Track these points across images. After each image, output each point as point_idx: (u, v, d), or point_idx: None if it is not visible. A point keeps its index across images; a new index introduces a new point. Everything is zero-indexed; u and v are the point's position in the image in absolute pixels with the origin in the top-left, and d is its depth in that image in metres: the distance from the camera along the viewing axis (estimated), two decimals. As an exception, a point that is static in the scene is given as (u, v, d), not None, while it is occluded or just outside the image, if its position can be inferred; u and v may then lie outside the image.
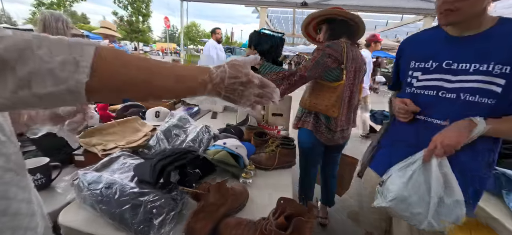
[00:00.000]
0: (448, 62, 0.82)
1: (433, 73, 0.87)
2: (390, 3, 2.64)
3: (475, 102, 0.77)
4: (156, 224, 0.61)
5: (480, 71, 0.76)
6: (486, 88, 0.75)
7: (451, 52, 0.83)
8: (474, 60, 0.77)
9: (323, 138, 1.44)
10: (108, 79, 0.32)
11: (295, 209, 0.58)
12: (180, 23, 3.01)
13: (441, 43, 0.86)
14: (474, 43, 0.78)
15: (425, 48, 0.91)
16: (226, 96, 0.44)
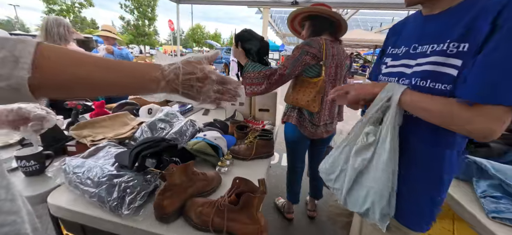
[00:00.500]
0: (414, 45, 0.71)
1: (400, 59, 0.76)
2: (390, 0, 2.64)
3: (427, 88, 0.64)
4: (127, 201, 0.69)
5: (436, 52, 0.63)
6: (438, 71, 0.62)
7: (419, 34, 0.72)
8: (434, 40, 0.65)
9: (307, 132, 1.50)
10: (53, 76, 0.33)
11: (248, 187, 0.65)
12: (176, 24, 3.12)
13: (416, 26, 0.75)
14: (439, 21, 0.67)
15: (403, 33, 0.81)
16: (184, 93, 0.44)
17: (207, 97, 0.46)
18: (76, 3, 19.83)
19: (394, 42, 0.83)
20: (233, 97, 0.49)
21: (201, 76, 0.44)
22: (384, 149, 0.68)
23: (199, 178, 0.81)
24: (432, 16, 0.69)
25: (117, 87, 0.40)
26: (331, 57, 1.38)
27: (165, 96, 0.46)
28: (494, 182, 1.01)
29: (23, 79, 0.30)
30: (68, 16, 18.80)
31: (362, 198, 0.74)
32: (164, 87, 0.42)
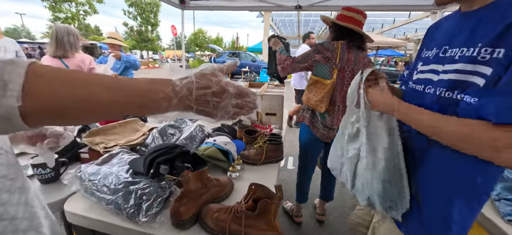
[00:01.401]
0: (445, 48, 0.62)
1: (429, 63, 0.67)
2: (395, 1, 2.64)
3: (451, 99, 0.57)
4: (144, 208, 0.70)
5: (464, 58, 0.55)
6: (462, 80, 0.55)
7: (452, 34, 0.63)
8: (463, 44, 0.57)
9: (319, 133, 1.54)
10: (47, 101, 0.28)
11: (264, 193, 0.65)
12: (181, 30, 3.16)
13: (452, 24, 0.65)
14: (473, 20, 0.57)
15: (438, 32, 0.72)
16: (199, 110, 0.38)
17: (225, 113, 0.40)
18: (81, 11, 20.18)
19: (427, 44, 0.73)
20: (251, 110, 0.43)
21: (218, 90, 0.38)
22: (363, 133, 0.71)
23: (213, 184, 0.82)
24: (469, 13, 0.59)
25: (124, 109, 0.34)
26: (346, 62, 1.40)
27: (178, 115, 0.39)
28: (508, 184, 1.00)
29: (12, 107, 0.25)
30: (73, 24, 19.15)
31: (361, 188, 0.74)
32: (176, 105, 0.36)
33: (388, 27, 12.08)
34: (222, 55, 13.92)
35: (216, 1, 2.79)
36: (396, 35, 15.38)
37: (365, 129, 0.71)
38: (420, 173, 0.68)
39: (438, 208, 0.65)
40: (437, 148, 0.62)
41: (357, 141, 0.75)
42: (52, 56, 1.90)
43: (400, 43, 11.85)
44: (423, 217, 0.68)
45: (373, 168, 0.67)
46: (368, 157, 0.70)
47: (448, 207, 0.63)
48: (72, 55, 1.97)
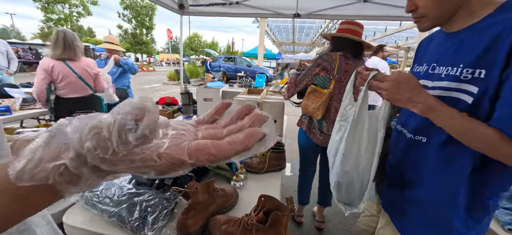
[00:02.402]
0: (433, 65, 0.68)
1: (420, 79, 0.71)
2: (386, 12, 2.72)
3: None
4: (150, 221, 0.68)
5: (449, 77, 0.61)
6: (452, 97, 0.60)
7: (438, 53, 0.69)
8: (448, 63, 0.63)
9: (315, 138, 1.59)
10: None
11: (274, 205, 0.65)
12: (180, 35, 3.15)
13: (439, 43, 0.72)
14: (455, 41, 0.63)
15: (428, 49, 0.77)
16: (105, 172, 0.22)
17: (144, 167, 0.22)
18: (75, 12, 19.89)
19: (419, 59, 0.78)
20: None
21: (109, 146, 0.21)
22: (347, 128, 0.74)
23: (219, 195, 0.80)
24: (450, 34, 0.66)
25: None
26: (344, 73, 1.44)
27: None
28: (507, 193, 1.03)
29: None
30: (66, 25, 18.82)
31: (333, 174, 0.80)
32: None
33: (380, 35, 12.41)
34: (217, 59, 13.92)
35: (215, 7, 2.80)
36: (388, 42, 15.79)
37: (351, 123, 0.76)
38: (418, 173, 0.71)
39: (439, 212, 0.67)
40: (436, 147, 0.65)
41: (340, 131, 0.82)
42: (57, 58, 1.88)
43: (392, 50, 12.17)
44: (424, 222, 0.70)
45: (344, 160, 0.76)
46: (346, 147, 0.77)
47: (449, 212, 0.65)
48: (79, 59, 1.98)
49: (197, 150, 0.22)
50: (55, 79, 1.90)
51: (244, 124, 0.26)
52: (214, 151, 0.23)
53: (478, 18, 0.59)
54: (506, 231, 0.88)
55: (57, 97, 1.96)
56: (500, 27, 0.54)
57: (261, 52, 8.04)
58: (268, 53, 19.70)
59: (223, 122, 0.28)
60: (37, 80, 1.86)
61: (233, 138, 0.24)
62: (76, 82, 1.98)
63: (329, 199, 1.89)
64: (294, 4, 2.66)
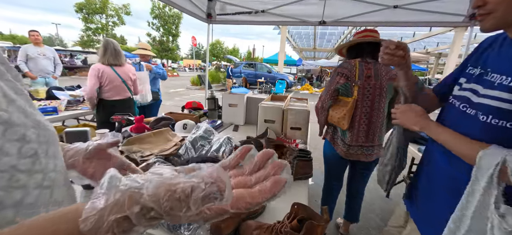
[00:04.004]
0: (488, 70, 0.66)
1: (471, 82, 0.70)
2: (415, 18, 2.60)
3: (490, 125, 0.60)
4: (186, 221, 0.71)
5: (502, 86, 0.59)
6: (504, 108, 0.58)
7: (495, 58, 0.66)
8: (504, 71, 0.60)
9: (339, 149, 1.53)
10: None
11: (307, 213, 0.64)
12: (207, 43, 3.28)
13: (499, 48, 0.68)
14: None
15: (487, 52, 0.73)
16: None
17: (194, 217, 0.26)
18: (110, 22, 21.71)
19: (475, 60, 0.75)
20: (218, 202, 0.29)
21: (183, 198, 0.25)
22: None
23: (249, 200, 0.82)
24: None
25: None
26: (366, 79, 1.38)
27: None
28: None
29: None
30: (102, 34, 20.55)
31: None
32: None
33: (408, 41, 11.79)
34: (238, 65, 14.20)
35: (242, 15, 2.88)
36: (415, 48, 14.93)
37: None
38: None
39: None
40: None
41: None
42: (107, 64, 2.14)
43: (422, 57, 11.48)
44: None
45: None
46: None
47: None
48: (123, 65, 2.25)
49: (237, 200, 0.27)
50: (103, 83, 2.13)
51: (269, 172, 0.30)
52: (250, 200, 0.27)
53: None
54: None
55: (100, 100, 2.18)
56: None
57: (282, 58, 8.06)
58: (289, 59, 19.66)
59: (248, 168, 0.32)
60: (90, 84, 2.10)
61: (262, 187, 0.28)
62: (120, 86, 2.21)
63: (357, 215, 1.81)
64: (320, 12, 2.64)
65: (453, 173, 0.71)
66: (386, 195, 2.50)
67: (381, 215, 2.21)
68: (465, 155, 0.63)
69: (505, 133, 0.59)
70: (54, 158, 0.36)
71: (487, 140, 0.60)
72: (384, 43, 0.82)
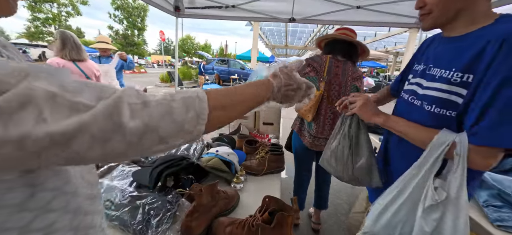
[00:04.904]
0: (430, 65, 0.73)
1: (417, 77, 0.79)
2: (376, 18, 2.82)
3: (433, 113, 0.68)
4: (153, 224, 0.68)
5: (442, 79, 0.67)
6: (444, 98, 0.66)
7: (435, 55, 0.74)
8: (443, 65, 0.68)
9: (305, 141, 1.61)
10: (214, 122, 0.38)
11: (278, 205, 0.66)
12: (175, 37, 3.13)
13: (437, 45, 0.77)
14: (452, 46, 0.68)
15: (428, 49, 0.82)
16: (280, 101, 0.52)
17: (294, 102, 0.54)
18: (63, 12, 19.36)
19: (419, 58, 0.84)
20: (308, 99, 0.58)
21: (296, 87, 0.52)
22: (459, 207, 0.61)
23: (221, 197, 0.81)
24: (449, 39, 0.71)
25: (247, 112, 0.46)
26: (334, 76, 1.46)
27: (260, 108, 0.50)
28: (493, 191, 1.08)
29: (200, 131, 0.35)
30: (54, 25, 18.25)
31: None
32: (268, 100, 0.49)
33: (370, 40, 12.73)
34: (211, 62, 13.87)
35: (211, 10, 2.80)
36: (377, 47, 16.21)
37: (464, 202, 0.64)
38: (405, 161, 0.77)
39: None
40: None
41: (436, 211, 0.66)
42: (68, 59, 1.93)
43: (382, 55, 12.50)
44: None
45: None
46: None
47: None
48: (86, 60, 2.05)
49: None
50: None
51: None
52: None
53: (477, 27, 0.64)
54: (495, 227, 0.93)
55: None
56: (492, 36, 0.58)
57: (255, 55, 8.08)
58: (262, 56, 19.81)
59: None
60: None
61: None
62: None
63: (326, 203, 1.92)
64: (289, 9, 2.70)
65: (405, 158, 0.78)
66: (352, 183, 2.69)
67: (348, 201, 2.37)
68: (422, 140, 0.68)
69: (447, 120, 0.66)
70: None
71: (433, 127, 0.68)
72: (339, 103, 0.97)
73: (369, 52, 1.58)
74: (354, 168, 0.87)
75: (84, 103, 0.26)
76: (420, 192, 0.66)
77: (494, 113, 0.55)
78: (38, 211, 0.30)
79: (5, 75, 0.22)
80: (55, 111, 0.24)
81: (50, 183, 0.31)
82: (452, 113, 0.65)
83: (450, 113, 0.66)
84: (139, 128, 0.28)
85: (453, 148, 0.61)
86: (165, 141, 0.31)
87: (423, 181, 0.66)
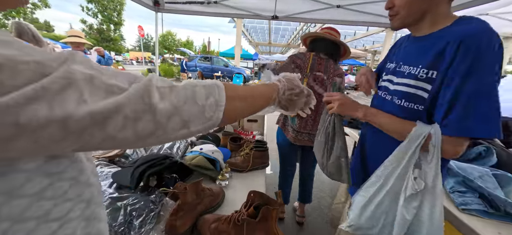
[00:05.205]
0: (400, 63, 0.79)
1: (388, 74, 0.85)
2: (355, 17, 2.93)
3: (403, 107, 0.74)
4: (136, 225, 0.66)
5: (410, 75, 0.72)
6: (412, 93, 0.72)
7: (404, 53, 0.80)
8: (411, 63, 0.74)
9: (289, 136, 1.65)
10: (231, 113, 0.39)
11: (263, 200, 0.67)
12: (155, 33, 3.01)
13: (406, 45, 0.83)
14: (419, 45, 0.74)
15: (399, 49, 0.89)
16: (282, 106, 0.54)
17: (297, 108, 0.57)
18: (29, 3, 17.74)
19: (391, 57, 0.91)
20: (309, 105, 0.62)
21: (298, 92, 0.55)
22: (435, 196, 0.66)
23: (206, 194, 0.81)
24: (416, 38, 0.77)
25: (256, 112, 0.48)
26: (316, 72, 1.50)
27: (266, 111, 0.53)
28: (459, 178, 1.18)
29: (218, 119, 0.37)
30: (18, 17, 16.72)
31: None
32: (272, 103, 0.52)
33: (350, 39, 13.20)
34: (193, 59, 13.55)
35: (193, 5, 2.74)
36: (356, 46, 16.87)
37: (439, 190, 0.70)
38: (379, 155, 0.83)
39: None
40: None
41: (416, 200, 0.71)
42: None
43: (361, 53, 13.04)
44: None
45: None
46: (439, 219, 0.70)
47: None
48: None
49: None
50: None
51: None
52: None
53: (438, 28, 0.70)
54: (460, 211, 1.02)
55: None
56: (450, 37, 0.64)
57: (238, 52, 8.03)
58: (245, 53, 19.75)
59: None
60: None
61: None
62: None
63: (310, 196, 1.98)
64: (272, 6, 2.72)
65: (382, 149, 0.83)
66: (334, 176, 2.80)
67: (331, 194, 2.46)
68: (399, 132, 0.73)
69: (415, 113, 0.72)
70: None
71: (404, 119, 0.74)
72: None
73: (351, 52, 1.65)
74: (327, 164, 0.91)
75: (119, 86, 0.28)
76: (401, 183, 0.70)
77: (460, 108, 0.61)
78: (56, 200, 0.31)
79: (48, 59, 0.24)
80: (94, 93, 0.25)
81: (67, 173, 0.32)
82: (419, 107, 0.71)
83: (418, 107, 0.72)
84: (168, 109, 0.31)
85: (429, 140, 0.66)
86: (187, 126, 0.33)
87: (404, 173, 0.70)
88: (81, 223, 0.34)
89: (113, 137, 0.27)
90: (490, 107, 0.60)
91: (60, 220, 0.31)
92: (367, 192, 0.78)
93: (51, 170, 0.30)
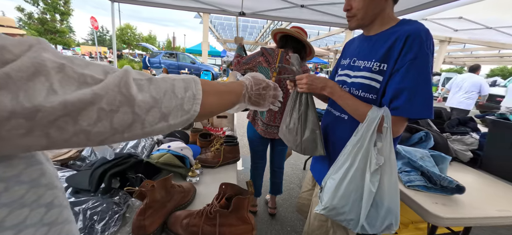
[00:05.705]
0: (354, 59, 0.90)
1: (344, 69, 0.95)
2: (318, 18, 3.09)
3: (360, 97, 0.85)
4: (98, 229, 0.61)
5: (365, 68, 0.83)
6: (367, 84, 0.82)
7: (358, 50, 0.90)
8: (365, 58, 0.84)
9: (259, 129, 1.70)
10: (207, 107, 0.40)
11: (235, 190, 0.68)
12: (112, 25, 2.75)
13: (359, 43, 0.93)
14: (371, 42, 0.84)
15: (351, 47, 0.99)
16: (253, 101, 0.56)
17: (267, 102, 0.60)
18: None
19: (344, 55, 1.02)
20: (277, 99, 0.64)
21: (265, 85, 0.58)
22: (391, 166, 0.76)
23: (177, 191, 0.78)
24: (368, 37, 0.88)
25: (228, 108, 0.50)
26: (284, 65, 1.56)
27: (239, 108, 0.55)
28: (405, 160, 1.36)
29: (196, 112, 0.37)
30: None
31: (382, 217, 0.79)
32: (243, 99, 0.53)
33: (314, 38, 13.92)
34: (157, 55, 12.74)
35: (155, -3, 2.57)
36: (320, 45, 17.88)
37: (393, 161, 0.80)
38: (340, 140, 0.93)
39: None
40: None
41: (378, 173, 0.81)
42: None
43: (324, 52, 13.86)
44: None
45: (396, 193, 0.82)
46: (395, 183, 0.81)
47: None
48: None
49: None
50: None
51: None
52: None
53: (386, 27, 0.83)
54: (406, 187, 1.18)
55: None
56: (398, 33, 0.76)
57: (205, 49, 7.82)
58: (213, 50, 19.30)
59: None
60: None
61: None
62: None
63: (280, 188, 2.06)
64: (239, 2, 2.71)
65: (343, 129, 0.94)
66: (303, 167, 2.95)
67: (300, 184, 2.59)
68: (361, 113, 0.81)
69: (370, 102, 0.83)
70: None
71: None
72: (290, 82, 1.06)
73: (315, 53, 1.76)
74: (302, 140, 0.97)
75: (92, 76, 0.26)
76: (365, 161, 0.79)
77: (406, 92, 0.73)
78: (11, 207, 0.27)
79: (10, 44, 0.21)
80: (65, 83, 0.24)
81: (24, 176, 0.29)
82: (373, 97, 0.83)
83: (372, 97, 0.83)
84: (148, 101, 0.30)
85: (382, 121, 0.76)
86: (166, 118, 0.33)
87: (367, 152, 0.79)
88: (40, 229, 0.31)
89: (86, 131, 0.26)
90: (429, 93, 0.73)
91: (15, 228, 0.28)
92: (336, 174, 0.86)
93: (6, 174, 0.27)
